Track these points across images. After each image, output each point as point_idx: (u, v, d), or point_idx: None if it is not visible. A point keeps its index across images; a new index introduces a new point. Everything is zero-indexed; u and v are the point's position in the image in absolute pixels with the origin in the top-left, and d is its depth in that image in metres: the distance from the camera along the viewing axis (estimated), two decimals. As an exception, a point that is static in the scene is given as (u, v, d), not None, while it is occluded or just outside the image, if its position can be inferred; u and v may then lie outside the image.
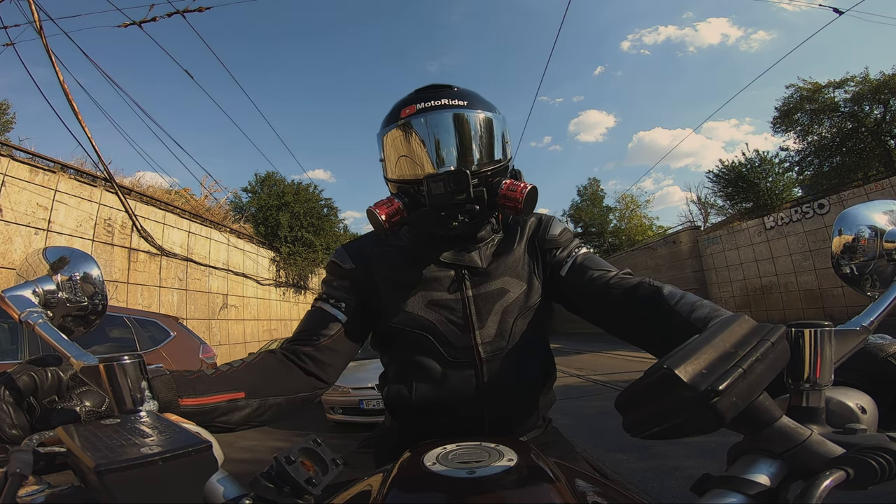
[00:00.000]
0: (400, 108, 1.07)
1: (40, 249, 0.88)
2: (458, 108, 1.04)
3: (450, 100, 1.04)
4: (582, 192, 37.46)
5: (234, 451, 5.44)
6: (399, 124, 1.06)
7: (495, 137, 1.08)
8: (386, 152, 1.12)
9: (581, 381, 9.46)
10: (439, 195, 0.98)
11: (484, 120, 1.06)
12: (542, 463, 0.66)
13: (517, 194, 1.01)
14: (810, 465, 0.43)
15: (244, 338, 13.98)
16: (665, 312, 0.89)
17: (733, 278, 19.36)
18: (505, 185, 1.03)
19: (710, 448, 4.06)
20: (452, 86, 1.08)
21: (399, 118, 1.06)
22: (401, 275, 1.09)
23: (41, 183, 8.09)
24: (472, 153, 1.05)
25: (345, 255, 1.12)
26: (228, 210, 16.74)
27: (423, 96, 1.06)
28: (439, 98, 1.04)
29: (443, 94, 1.06)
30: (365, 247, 1.13)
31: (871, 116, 17.81)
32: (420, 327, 1.05)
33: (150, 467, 0.44)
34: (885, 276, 0.75)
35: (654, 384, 0.41)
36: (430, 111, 1.03)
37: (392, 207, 1.03)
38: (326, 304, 1.08)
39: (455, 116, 1.03)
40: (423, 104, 1.04)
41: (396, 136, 1.07)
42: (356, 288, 1.09)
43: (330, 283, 1.11)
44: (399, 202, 1.04)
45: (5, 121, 19.92)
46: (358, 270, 1.10)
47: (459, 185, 0.97)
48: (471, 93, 1.09)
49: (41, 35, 8.38)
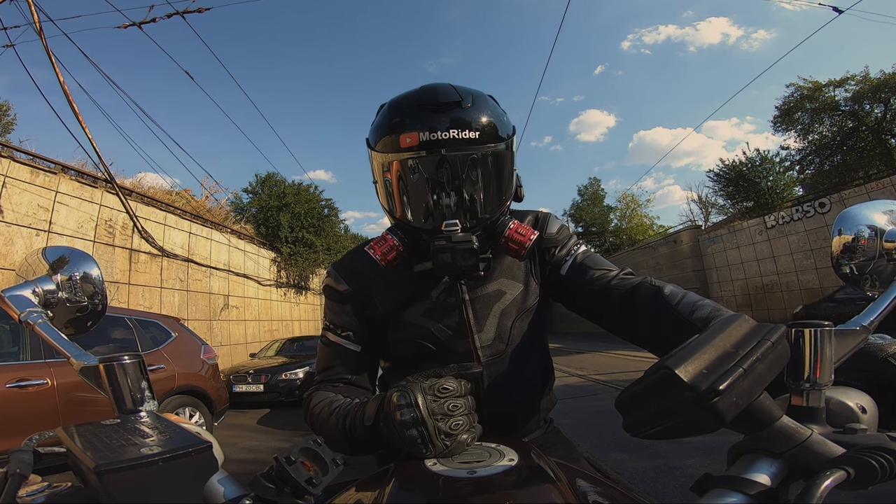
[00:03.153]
0: (396, 130, 0.92)
1: (40, 249, 0.87)
2: (469, 144, 0.91)
3: (460, 131, 0.90)
4: (582, 191, 37.49)
5: (235, 451, 5.44)
6: (395, 153, 0.93)
7: (508, 172, 0.99)
8: (377, 176, 1.01)
9: (582, 380, 9.45)
10: (445, 265, 0.91)
11: (497, 157, 0.95)
12: (543, 463, 0.66)
13: (525, 240, 0.96)
14: (811, 465, 0.43)
15: (245, 338, 13.98)
16: (666, 312, 0.88)
17: (734, 277, 19.33)
18: (510, 232, 0.96)
19: (710, 448, 4.05)
20: (462, 99, 0.92)
21: (396, 146, 0.92)
22: (396, 286, 1.05)
23: (42, 184, 8.09)
24: (480, 202, 0.97)
25: (338, 277, 1.07)
26: (229, 211, 16.74)
27: (426, 119, 0.90)
28: (446, 127, 0.89)
29: (451, 117, 0.91)
30: (357, 265, 1.07)
31: (871, 115, 17.78)
32: (418, 336, 1.03)
33: (150, 467, 0.44)
34: (884, 275, 0.75)
35: (655, 384, 0.41)
36: (436, 146, 0.90)
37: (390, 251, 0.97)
38: (335, 335, 1.05)
39: (463, 160, 0.92)
40: (426, 135, 0.89)
41: (391, 165, 0.96)
42: (356, 309, 1.06)
43: (332, 308, 1.08)
44: (397, 241, 0.97)
45: (6, 122, 19.87)
46: (353, 291, 1.05)
47: (468, 261, 0.90)
48: (482, 108, 0.94)
49: (41, 36, 8.38)
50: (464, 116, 0.91)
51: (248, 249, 15.19)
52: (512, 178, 1.02)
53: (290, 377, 8.91)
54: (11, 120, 19.89)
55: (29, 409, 3.98)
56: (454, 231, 0.91)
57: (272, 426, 7.20)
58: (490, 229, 0.98)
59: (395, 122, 0.94)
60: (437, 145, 0.90)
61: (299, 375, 8.93)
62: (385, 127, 0.96)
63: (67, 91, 8.70)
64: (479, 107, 0.94)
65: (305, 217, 18.16)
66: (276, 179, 19.23)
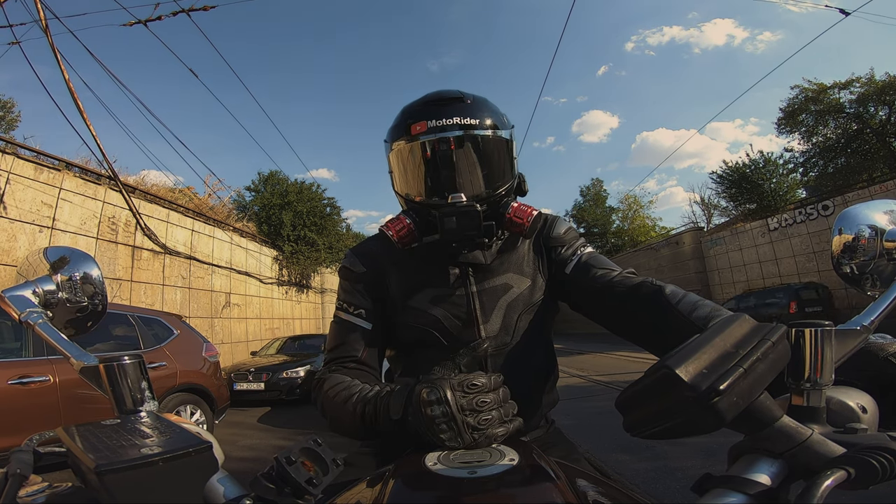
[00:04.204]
0: (408, 121, 1.04)
1: (41, 249, 0.88)
2: (471, 128, 1.02)
3: (462, 118, 1.01)
4: (585, 192, 37.42)
5: (235, 449, 5.45)
6: (407, 140, 1.05)
7: (507, 157, 1.08)
8: (393, 165, 1.13)
9: (582, 381, 9.45)
10: (451, 230, 0.99)
11: (496, 140, 1.05)
12: (544, 463, 0.66)
13: (524, 221, 1.03)
14: (811, 465, 0.43)
15: (247, 336, 14.00)
16: (666, 312, 0.89)
17: (736, 279, 19.32)
18: (512, 210, 1.04)
19: (711, 449, 4.05)
20: (464, 96, 1.05)
21: (408, 133, 1.04)
22: (407, 273, 1.10)
23: (46, 181, 8.11)
24: (483, 178, 1.05)
25: (355, 260, 1.13)
26: (232, 209, 16.78)
27: (433, 111, 1.03)
28: (451, 115, 1.01)
29: (454, 109, 1.03)
30: (373, 248, 1.14)
31: (876, 118, 17.74)
32: (425, 323, 1.06)
33: (150, 467, 0.44)
34: (885, 275, 0.75)
35: (655, 384, 0.41)
36: (442, 131, 1.01)
37: (403, 228, 1.05)
38: (347, 313, 1.10)
39: (466, 140, 1.02)
40: (434, 122, 1.01)
41: (404, 152, 1.07)
42: (370, 290, 1.11)
43: (345, 288, 1.13)
44: (409, 221, 1.05)
45: (10, 119, 19.99)
46: (369, 273, 1.11)
47: (471, 223, 0.99)
48: (482, 105, 1.06)
49: (47, 34, 8.40)
50: (466, 108, 1.03)
51: (251, 247, 15.22)
52: (512, 164, 1.10)
53: (290, 376, 8.92)
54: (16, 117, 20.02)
55: (31, 406, 3.99)
56: (459, 201, 1.01)
57: (273, 424, 7.21)
58: (494, 208, 1.06)
59: (408, 117, 1.06)
60: (442, 129, 1.01)
61: (300, 374, 8.95)
62: (399, 123, 1.08)
63: (72, 88, 8.73)
64: (479, 102, 1.06)
65: (308, 215, 18.19)
66: (278, 178, 19.28)
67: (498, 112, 1.08)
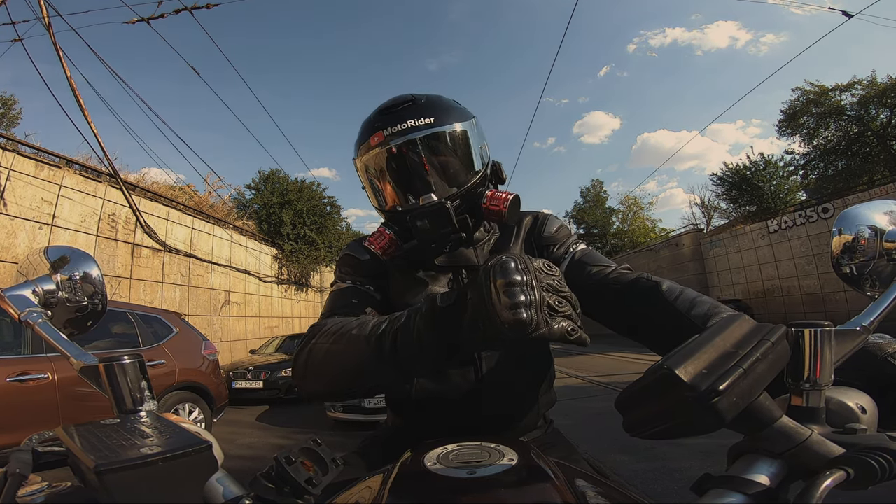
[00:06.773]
0: (367, 134, 1.05)
1: (41, 248, 0.88)
2: (426, 128, 1.01)
3: (416, 120, 1.01)
4: (585, 193, 37.51)
5: (234, 447, 5.46)
6: (368, 154, 1.05)
7: (471, 148, 1.07)
8: (363, 181, 1.13)
9: (581, 381, 9.45)
10: (425, 230, 0.99)
11: (456, 134, 1.05)
12: (543, 463, 0.66)
13: (500, 206, 1.03)
14: (810, 465, 0.43)
15: (246, 335, 14.01)
16: (663, 308, 0.87)
17: (735, 281, 19.32)
18: (487, 199, 1.04)
19: (710, 450, 4.05)
20: (416, 99, 1.05)
21: (368, 147, 1.04)
22: (401, 275, 1.10)
23: (46, 178, 8.11)
24: (449, 175, 1.05)
25: (360, 248, 1.13)
26: (232, 207, 16.81)
27: (387, 119, 1.03)
28: (404, 120, 1.01)
29: (407, 113, 1.02)
30: None
31: (877, 120, 17.76)
32: None
33: (150, 467, 0.44)
34: (884, 276, 0.75)
35: (655, 384, 0.41)
36: (397, 137, 1.01)
37: (384, 241, 1.06)
38: (354, 285, 1.08)
39: (424, 141, 1.02)
40: (389, 129, 1.01)
41: (369, 165, 1.08)
42: (373, 273, 1.10)
43: (349, 264, 1.12)
44: (389, 232, 1.06)
45: (11, 116, 20.00)
46: (373, 262, 1.11)
47: (443, 220, 0.99)
48: (436, 102, 1.06)
49: (49, 31, 8.40)
50: (418, 109, 1.03)
51: (250, 246, 15.23)
52: (478, 154, 1.09)
53: (289, 374, 8.89)
54: (17, 114, 20.03)
55: (29, 404, 3.99)
56: (430, 202, 1.00)
57: (271, 423, 7.21)
58: (470, 200, 1.05)
59: (365, 130, 1.07)
60: (399, 135, 1.01)
61: (300, 373, 8.92)
62: (359, 138, 1.08)
63: (74, 86, 8.74)
64: (431, 101, 1.06)
65: (308, 214, 18.22)
66: (279, 176, 19.31)
67: (453, 106, 1.08)
